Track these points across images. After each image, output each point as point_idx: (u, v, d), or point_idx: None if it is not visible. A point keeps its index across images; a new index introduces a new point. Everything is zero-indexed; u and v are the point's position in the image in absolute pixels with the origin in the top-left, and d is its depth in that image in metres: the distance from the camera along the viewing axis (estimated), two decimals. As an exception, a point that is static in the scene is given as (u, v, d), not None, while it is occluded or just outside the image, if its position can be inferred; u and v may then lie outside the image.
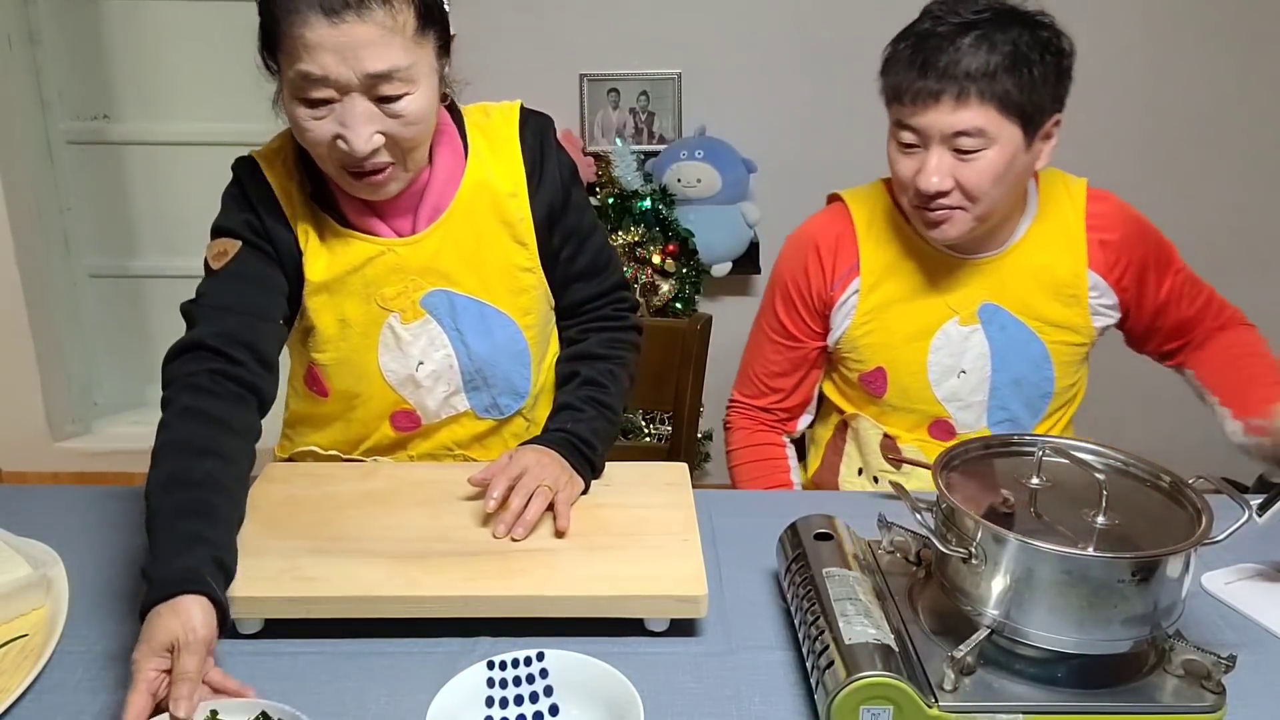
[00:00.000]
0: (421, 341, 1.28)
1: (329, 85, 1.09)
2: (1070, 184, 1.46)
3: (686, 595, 1.04)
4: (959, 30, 1.27)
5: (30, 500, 1.35)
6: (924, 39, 1.29)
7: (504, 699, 0.92)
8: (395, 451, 1.37)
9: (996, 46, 1.26)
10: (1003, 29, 1.27)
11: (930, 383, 1.45)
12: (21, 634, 1.04)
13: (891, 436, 1.48)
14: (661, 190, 2.54)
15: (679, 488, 1.25)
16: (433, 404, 1.32)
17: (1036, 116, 1.30)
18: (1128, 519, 0.94)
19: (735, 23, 2.62)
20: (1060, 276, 1.41)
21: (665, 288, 2.50)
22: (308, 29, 1.05)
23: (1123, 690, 0.91)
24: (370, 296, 1.25)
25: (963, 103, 1.26)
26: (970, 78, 1.25)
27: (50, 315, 2.94)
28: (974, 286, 1.42)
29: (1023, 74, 1.26)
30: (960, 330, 1.43)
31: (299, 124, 1.12)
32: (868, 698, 0.88)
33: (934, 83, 1.26)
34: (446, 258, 1.26)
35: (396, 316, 1.26)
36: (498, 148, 1.29)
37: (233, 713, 0.89)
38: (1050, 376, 1.44)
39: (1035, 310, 1.42)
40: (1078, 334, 1.44)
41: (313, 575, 1.06)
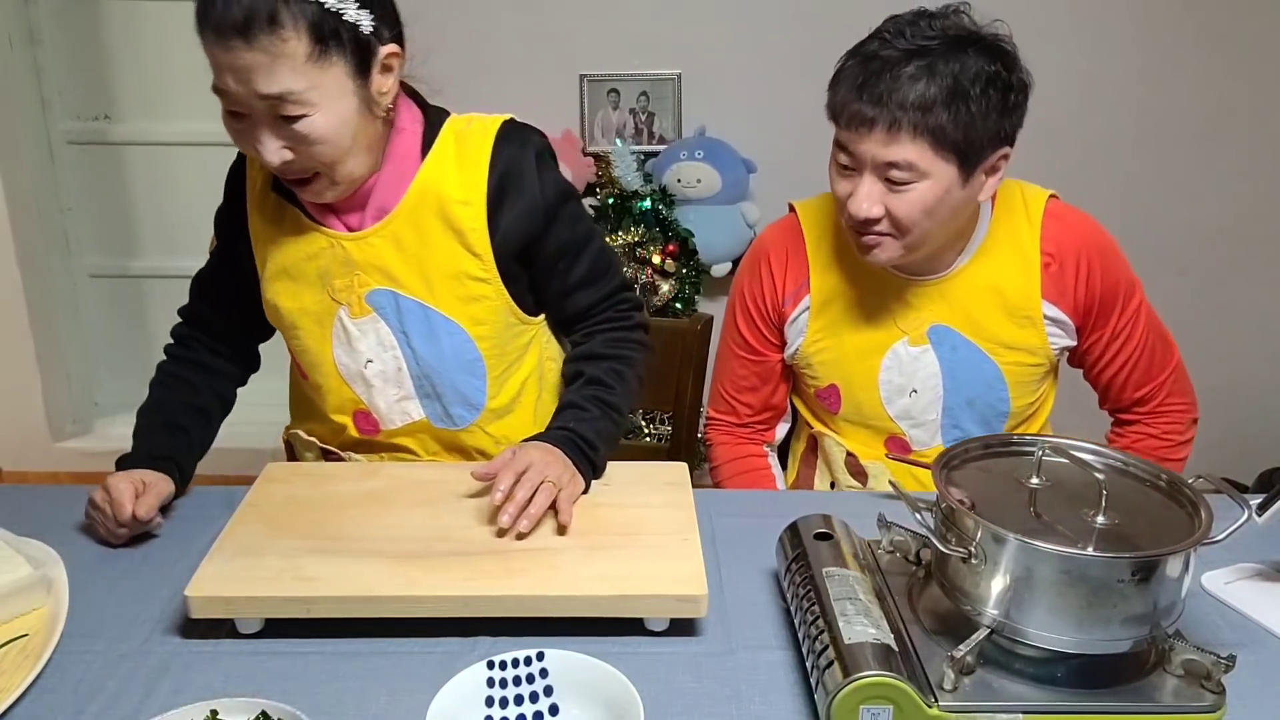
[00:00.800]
0: (370, 339, 1.31)
1: (236, 101, 1.13)
2: (1029, 200, 1.39)
3: (686, 595, 1.04)
4: (903, 57, 1.21)
5: (30, 500, 1.35)
6: (868, 61, 1.23)
7: (504, 699, 0.92)
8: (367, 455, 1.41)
9: (937, 78, 1.20)
10: (949, 59, 1.21)
11: (882, 400, 1.43)
12: (22, 634, 1.04)
13: (854, 455, 1.47)
14: (661, 190, 2.54)
15: (679, 487, 1.25)
16: (384, 405, 1.34)
17: (975, 153, 1.24)
18: (1127, 519, 0.94)
19: (735, 23, 2.62)
20: (1012, 299, 1.37)
21: (665, 288, 2.50)
22: (212, 48, 1.10)
23: (1122, 690, 0.91)
24: (323, 286, 1.29)
25: (894, 135, 1.22)
26: (904, 109, 1.20)
27: (50, 315, 2.94)
28: (922, 309, 1.39)
29: (961, 109, 1.20)
30: (910, 351, 1.40)
31: (228, 131, 1.17)
32: (867, 697, 0.88)
33: (869, 109, 1.22)
34: (390, 258, 1.27)
35: (345, 310, 1.30)
36: (465, 156, 1.28)
37: (233, 712, 0.90)
38: (1005, 397, 1.41)
39: (987, 332, 1.38)
40: (1033, 355, 1.39)
41: (313, 575, 1.06)
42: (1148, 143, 2.69)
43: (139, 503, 1.19)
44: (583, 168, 2.64)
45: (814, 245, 1.44)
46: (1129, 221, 2.71)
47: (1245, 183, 2.73)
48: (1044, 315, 1.37)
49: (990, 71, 1.22)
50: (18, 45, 2.76)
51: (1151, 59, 2.63)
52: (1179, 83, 2.64)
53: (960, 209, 1.30)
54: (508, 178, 1.27)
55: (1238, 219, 2.76)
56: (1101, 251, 1.38)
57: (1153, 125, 2.68)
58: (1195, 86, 2.65)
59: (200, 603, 1.03)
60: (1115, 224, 1.47)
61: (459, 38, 2.61)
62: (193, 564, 1.09)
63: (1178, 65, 2.63)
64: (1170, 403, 1.47)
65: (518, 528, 1.12)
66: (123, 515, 1.17)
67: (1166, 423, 1.48)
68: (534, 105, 2.70)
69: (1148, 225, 2.72)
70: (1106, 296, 1.39)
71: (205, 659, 1.02)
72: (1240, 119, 2.68)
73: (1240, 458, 2.66)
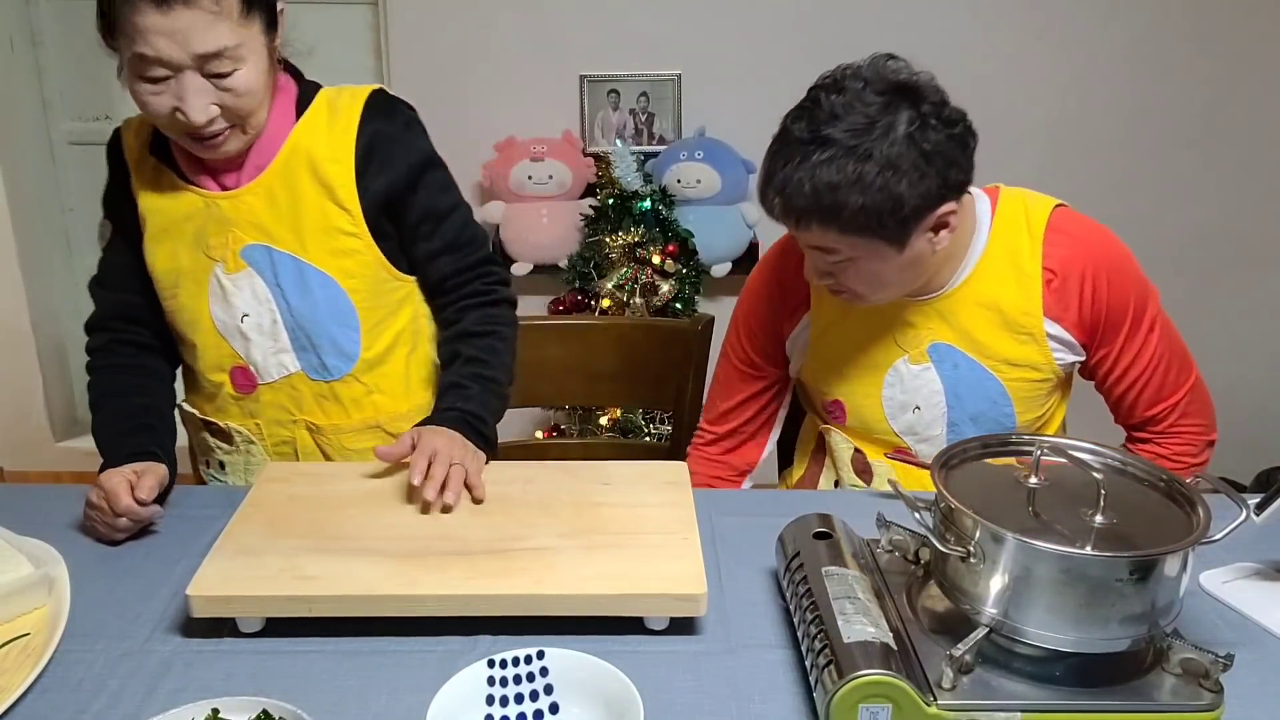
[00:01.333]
0: (245, 293, 1.35)
1: (163, 65, 1.18)
2: (1032, 212, 1.33)
3: (686, 594, 1.04)
4: (799, 146, 1.17)
5: (32, 499, 1.35)
6: (774, 155, 1.21)
7: (504, 697, 0.93)
8: (243, 420, 1.42)
9: (835, 164, 1.15)
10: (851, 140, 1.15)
11: (886, 417, 1.41)
12: (23, 633, 1.05)
13: (861, 452, 1.47)
14: (661, 191, 2.54)
15: (679, 487, 1.25)
16: (260, 358, 1.38)
17: (899, 226, 1.18)
18: (1125, 518, 0.94)
19: (735, 23, 2.62)
20: (1012, 316, 1.33)
21: (665, 288, 2.50)
22: (140, 16, 1.15)
23: (1121, 689, 0.91)
24: (199, 245, 1.34)
25: (806, 226, 1.20)
26: (805, 202, 1.17)
27: (51, 315, 2.94)
28: (922, 327, 1.36)
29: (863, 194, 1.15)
30: (911, 369, 1.38)
31: (140, 99, 1.21)
32: (866, 696, 0.88)
33: (776, 204, 1.21)
34: (263, 213, 1.33)
35: (220, 266, 1.34)
36: (336, 120, 1.34)
37: (234, 711, 0.90)
38: (1010, 413, 1.38)
39: (988, 349, 1.35)
40: (1038, 371, 1.35)
41: (313, 574, 1.06)
42: (1145, 143, 2.69)
43: (138, 486, 1.20)
44: (583, 168, 2.65)
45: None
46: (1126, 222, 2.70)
47: (1243, 182, 2.73)
48: (1046, 333, 1.34)
49: (893, 153, 1.15)
50: (19, 46, 2.76)
51: (1149, 59, 2.63)
52: (1176, 83, 2.64)
53: (918, 264, 1.26)
54: (376, 139, 1.34)
55: (1235, 219, 2.76)
56: (1109, 268, 1.33)
57: (1150, 125, 2.68)
58: (1192, 87, 2.65)
59: (201, 602, 1.03)
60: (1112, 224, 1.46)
61: (459, 38, 2.61)
62: (194, 563, 1.09)
63: (1175, 66, 2.63)
64: (1184, 424, 1.42)
65: (445, 500, 1.18)
66: (119, 504, 1.18)
67: (1179, 444, 1.42)
68: (534, 105, 2.72)
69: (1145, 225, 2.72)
70: (1114, 314, 1.34)
71: (206, 658, 1.02)
72: (1237, 119, 2.68)
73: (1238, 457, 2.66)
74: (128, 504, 1.19)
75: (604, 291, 2.49)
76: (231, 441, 1.43)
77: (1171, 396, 1.40)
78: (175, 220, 1.34)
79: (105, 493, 1.20)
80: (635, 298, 2.49)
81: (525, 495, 1.23)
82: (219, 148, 1.27)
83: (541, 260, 2.68)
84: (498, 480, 1.26)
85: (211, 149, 1.27)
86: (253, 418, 1.42)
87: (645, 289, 2.50)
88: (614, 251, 2.48)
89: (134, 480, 1.21)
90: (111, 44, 1.22)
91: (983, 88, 2.63)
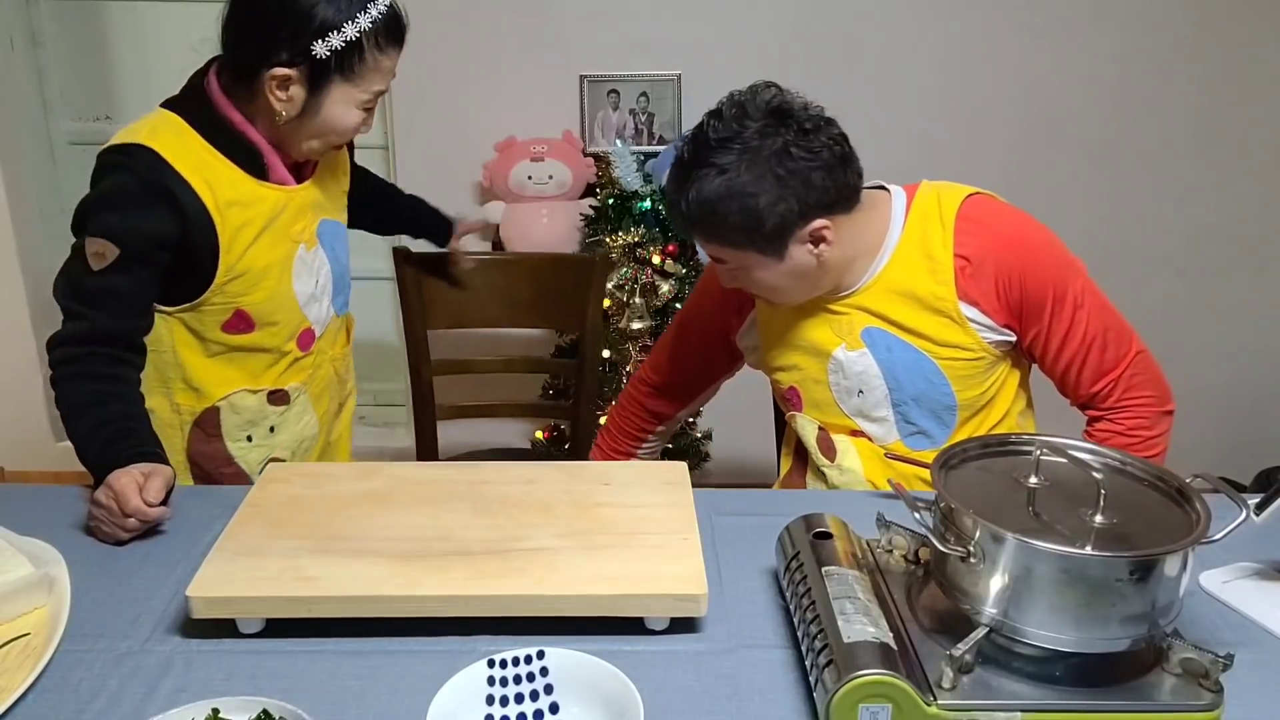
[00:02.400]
0: (317, 262, 1.53)
1: (374, 98, 1.41)
2: (944, 203, 1.38)
3: (686, 594, 1.04)
4: (676, 174, 1.33)
5: (32, 499, 1.35)
6: (675, 171, 1.34)
7: (504, 697, 0.93)
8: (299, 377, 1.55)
9: (692, 193, 1.29)
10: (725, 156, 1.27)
11: (836, 400, 1.47)
12: (23, 633, 1.05)
13: (824, 429, 1.50)
14: (661, 191, 2.54)
15: (679, 487, 1.25)
16: (322, 314, 1.56)
17: (770, 241, 1.30)
18: (1125, 518, 0.94)
19: (735, 23, 2.62)
20: (928, 300, 1.38)
21: (665, 288, 2.50)
22: (387, 56, 1.38)
23: (1121, 688, 0.92)
24: (284, 235, 1.46)
25: (696, 240, 1.38)
26: (691, 227, 1.33)
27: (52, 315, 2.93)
28: (852, 314, 1.42)
29: (716, 224, 1.30)
30: (849, 355, 1.43)
31: (350, 121, 1.40)
32: (866, 696, 0.88)
33: (674, 217, 1.36)
34: (322, 194, 1.54)
35: (304, 246, 1.50)
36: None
37: (234, 711, 0.90)
38: (948, 391, 1.41)
39: (916, 329, 1.39)
40: (967, 350, 1.39)
41: (313, 575, 1.06)
42: (1144, 143, 2.69)
43: (146, 488, 1.21)
44: (583, 168, 2.65)
45: None
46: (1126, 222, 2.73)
47: (1242, 182, 2.73)
48: (965, 316, 1.37)
49: (751, 177, 1.27)
50: (19, 46, 2.76)
51: (1147, 60, 2.63)
52: (1175, 83, 2.64)
53: (808, 274, 1.36)
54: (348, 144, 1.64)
55: (1235, 219, 2.76)
56: (1022, 252, 1.36)
57: (1149, 126, 2.68)
58: (1191, 86, 2.65)
59: (202, 603, 1.03)
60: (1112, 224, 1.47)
61: (459, 37, 2.61)
62: (194, 564, 1.09)
63: (1173, 66, 2.63)
64: (1133, 396, 1.42)
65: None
66: (129, 505, 1.19)
67: (1130, 418, 1.43)
68: (534, 106, 2.71)
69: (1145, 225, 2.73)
70: (1033, 296, 1.36)
71: (206, 658, 1.02)
72: (1236, 119, 2.68)
73: (1238, 457, 2.67)
74: (137, 505, 1.19)
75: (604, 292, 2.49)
76: (289, 400, 1.54)
77: (1113, 371, 1.41)
78: (259, 216, 1.42)
79: (114, 493, 1.20)
80: (635, 298, 2.49)
81: (526, 496, 1.23)
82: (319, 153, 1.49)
83: (541, 260, 2.68)
84: (498, 481, 1.26)
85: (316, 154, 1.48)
86: (304, 370, 1.56)
87: (645, 289, 2.50)
88: (614, 251, 2.48)
89: (141, 481, 1.21)
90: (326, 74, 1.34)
91: (980, 87, 2.65)
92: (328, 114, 1.38)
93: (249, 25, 1.34)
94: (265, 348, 1.50)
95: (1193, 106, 2.66)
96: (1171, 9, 2.59)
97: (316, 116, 1.38)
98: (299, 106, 1.36)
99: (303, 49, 1.31)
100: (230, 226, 1.39)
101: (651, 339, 2.51)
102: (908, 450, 1.45)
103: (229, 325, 1.45)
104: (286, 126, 1.39)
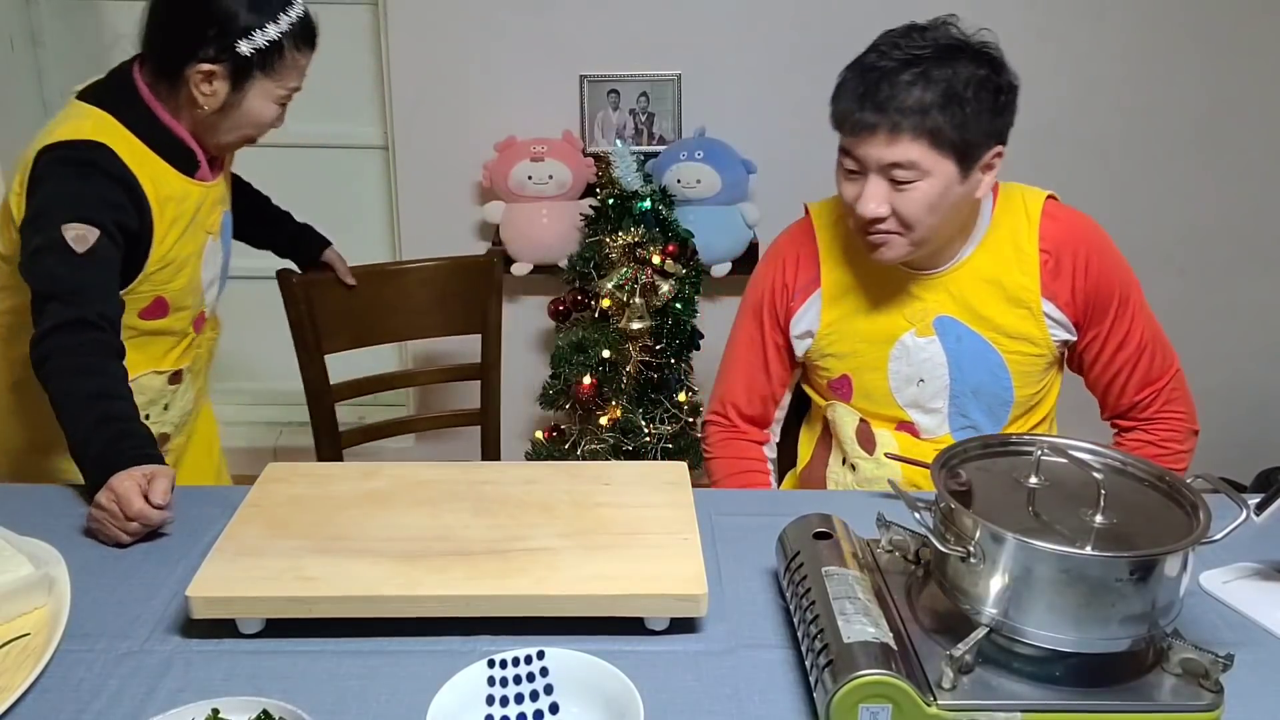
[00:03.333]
0: (217, 252, 1.63)
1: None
2: (1029, 200, 1.45)
3: (686, 594, 1.04)
4: (899, 66, 1.29)
5: (32, 499, 1.35)
6: (867, 72, 1.31)
7: (504, 697, 0.93)
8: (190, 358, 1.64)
9: (932, 84, 1.27)
10: (941, 66, 1.28)
11: (891, 390, 1.48)
12: (23, 633, 1.05)
13: (866, 421, 1.51)
14: (661, 191, 2.54)
15: (679, 487, 1.25)
16: (213, 299, 1.67)
17: (971, 151, 1.31)
18: (1126, 518, 0.94)
19: (735, 23, 2.62)
20: (1012, 290, 1.43)
21: (665, 288, 2.49)
22: (304, 57, 1.50)
23: (1121, 689, 0.92)
24: (200, 228, 1.56)
25: (896, 137, 1.29)
26: (903, 113, 1.28)
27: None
28: (928, 300, 1.45)
29: (956, 111, 1.28)
30: (917, 341, 1.45)
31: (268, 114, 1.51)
32: (866, 696, 0.88)
33: (871, 116, 1.29)
34: (225, 189, 1.65)
35: (212, 237, 1.60)
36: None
37: (234, 711, 0.90)
38: (1009, 386, 1.45)
39: (990, 322, 1.43)
40: (1035, 345, 1.44)
41: (314, 575, 1.06)
42: (1145, 143, 2.69)
43: (150, 491, 1.21)
44: (583, 168, 2.65)
45: (825, 243, 1.50)
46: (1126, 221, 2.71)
47: (1243, 182, 2.73)
48: (1044, 311, 1.42)
49: (980, 76, 1.30)
50: (19, 46, 2.76)
51: (1148, 59, 2.63)
52: (1175, 83, 2.64)
53: (960, 204, 1.36)
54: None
55: (1236, 219, 2.76)
56: (1097, 248, 1.44)
57: (1150, 125, 2.68)
58: (1191, 86, 2.65)
59: (201, 603, 1.03)
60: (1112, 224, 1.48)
61: (459, 38, 2.61)
62: (194, 564, 1.09)
63: (1174, 65, 2.63)
64: (1170, 410, 1.49)
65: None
66: (132, 508, 1.19)
67: (1165, 430, 1.49)
68: (534, 105, 2.71)
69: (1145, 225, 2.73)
70: (1103, 291, 1.43)
71: (206, 658, 1.02)
72: (1237, 119, 2.68)
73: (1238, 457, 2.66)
74: (141, 508, 1.19)
75: (604, 292, 2.48)
76: (182, 379, 1.64)
77: (1158, 381, 1.48)
78: (187, 210, 1.51)
79: (116, 496, 1.20)
80: (635, 298, 2.49)
81: (526, 496, 1.23)
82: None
83: (541, 260, 2.67)
84: (499, 481, 1.26)
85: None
86: (193, 349, 1.65)
87: (645, 289, 2.50)
88: (614, 252, 2.47)
89: (144, 484, 1.21)
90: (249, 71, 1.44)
91: (983, 88, 2.64)
92: (248, 108, 1.47)
93: (175, 23, 1.43)
94: (172, 331, 1.58)
95: (1194, 106, 2.66)
96: (1172, 9, 2.59)
97: (237, 110, 1.47)
98: (220, 100, 1.45)
99: (228, 46, 1.41)
100: (165, 220, 1.47)
101: (651, 339, 2.51)
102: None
103: (146, 311, 1.52)
104: (207, 120, 1.47)
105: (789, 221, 1.61)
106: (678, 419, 2.57)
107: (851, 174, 1.35)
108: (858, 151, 1.32)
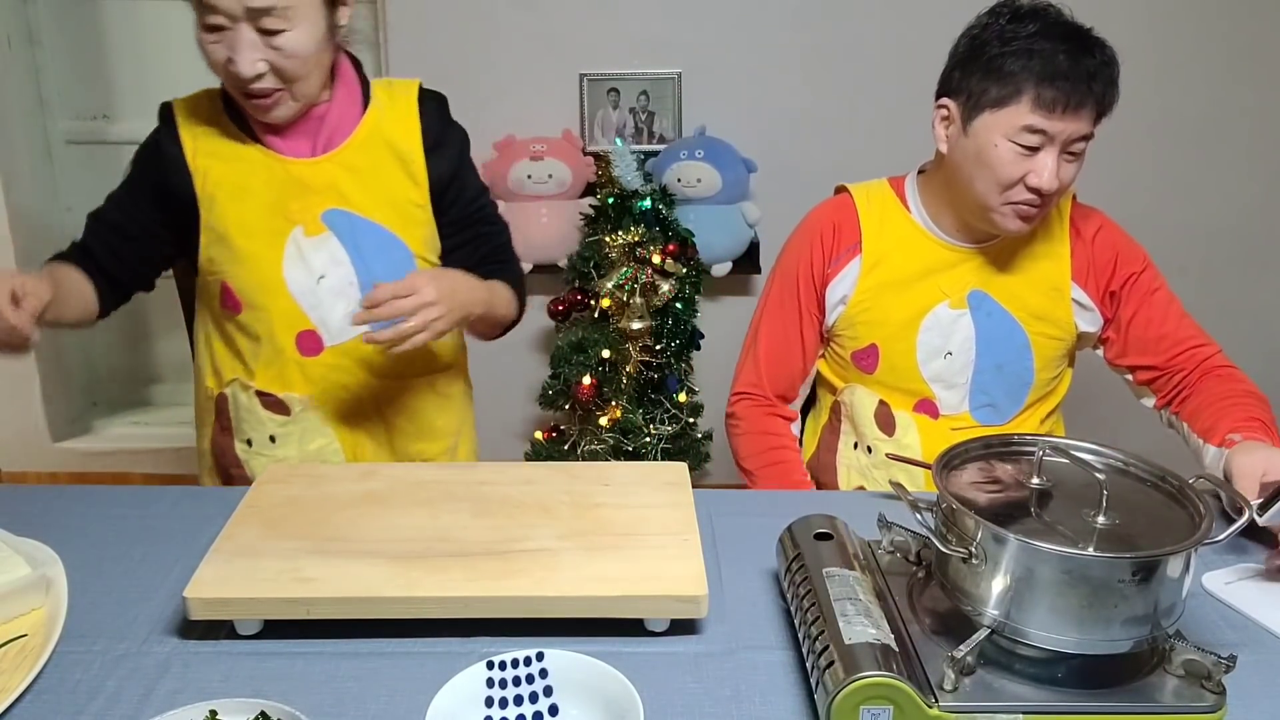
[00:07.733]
0: (323, 255, 1.43)
1: (219, 13, 1.28)
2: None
3: (686, 595, 1.04)
4: (1068, 40, 1.34)
5: (29, 500, 1.35)
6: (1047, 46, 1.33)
7: (504, 699, 0.92)
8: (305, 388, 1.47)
9: (1097, 56, 1.35)
10: (1091, 40, 1.37)
11: (918, 362, 1.50)
12: (21, 634, 1.04)
13: (886, 403, 1.52)
14: (661, 190, 2.54)
15: (679, 487, 1.25)
16: (334, 321, 1.45)
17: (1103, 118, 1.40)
18: (1128, 519, 0.94)
19: (735, 23, 2.62)
20: (1045, 273, 1.49)
21: (665, 288, 2.49)
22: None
23: (1123, 690, 0.91)
24: (276, 210, 1.41)
25: (1089, 111, 1.36)
26: (1092, 87, 1.34)
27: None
28: (966, 272, 1.49)
29: (1113, 90, 1.39)
30: (950, 313, 1.49)
31: (202, 47, 1.32)
32: (868, 698, 0.88)
33: (1079, 91, 1.33)
34: (344, 182, 1.43)
35: (300, 229, 1.42)
36: (397, 106, 1.47)
37: (232, 713, 0.89)
38: (1031, 366, 1.50)
39: (1021, 300, 1.48)
40: (1059, 328, 1.50)
41: (312, 576, 1.06)
42: (1148, 142, 2.69)
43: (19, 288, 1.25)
44: (583, 167, 2.64)
45: (866, 213, 1.53)
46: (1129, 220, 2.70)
47: (1247, 181, 2.73)
48: (1072, 296, 1.49)
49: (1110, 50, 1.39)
50: (17, 45, 2.76)
51: (1152, 59, 2.62)
52: (1179, 82, 2.64)
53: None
54: (433, 127, 1.48)
55: (1238, 218, 2.76)
56: (1121, 235, 1.53)
57: (1153, 124, 2.68)
58: (1196, 85, 2.65)
59: (199, 604, 1.03)
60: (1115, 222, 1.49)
61: (459, 37, 2.61)
62: (191, 565, 1.09)
63: (1178, 65, 2.63)
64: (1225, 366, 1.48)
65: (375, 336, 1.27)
66: None
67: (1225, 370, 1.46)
68: (534, 105, 2.71)
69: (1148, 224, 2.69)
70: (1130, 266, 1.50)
71: (204, 659, 1.02)
72: (1241, 118, 2.68)
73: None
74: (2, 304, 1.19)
75: (604, 291, 2.48)
76: (289, 412, 1.47)
77: (1208, 345, 1.49)
78: (248, 181, 1.41)
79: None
80: (635, 297, 2.49)
81: (525, 497, 1.23)
82: (270, 110, 1.35)
83: (541, 260, 2.67)
84: (498, 482, 1.26)
85: (263, 110, 1.36)
86: (313, 383, 1.47)
87: (645, 289, 2.50)
88: (614, 251, 2.47)
89: (17, 285, 1.23)
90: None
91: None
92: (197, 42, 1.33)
93: None
94: (252, 334, 1.45)
95: (1194, 106, 2.66)
96: (1173, 9, 2.58)
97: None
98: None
99: None
100: (205, 177, 1.41)
101: (652, 339, 2.51)
102: (973, 422, 1.51)
103: (222, 302, 1.46)
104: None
105: (789, 221, 1.61)
106: (678, 419, 2.57)
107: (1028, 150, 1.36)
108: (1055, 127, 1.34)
